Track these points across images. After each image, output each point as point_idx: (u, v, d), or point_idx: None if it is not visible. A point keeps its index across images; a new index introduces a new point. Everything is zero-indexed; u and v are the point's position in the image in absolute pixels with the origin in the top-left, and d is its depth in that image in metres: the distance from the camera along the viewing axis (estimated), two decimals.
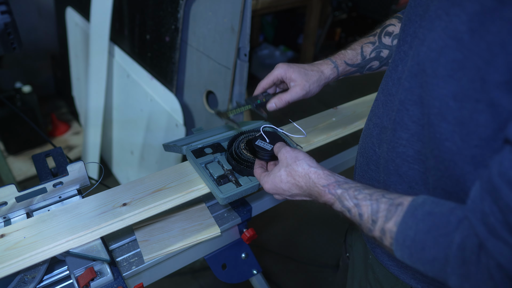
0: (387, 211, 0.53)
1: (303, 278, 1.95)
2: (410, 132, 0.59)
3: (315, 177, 0.64)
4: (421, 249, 0.48)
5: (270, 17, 3.99)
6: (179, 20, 1.45)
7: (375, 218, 0.54)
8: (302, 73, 0.83)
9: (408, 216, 0.51)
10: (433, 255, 0.47)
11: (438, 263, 0.47)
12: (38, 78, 2.96)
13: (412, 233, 0.49)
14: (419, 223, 0.49)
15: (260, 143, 0.78)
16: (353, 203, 0.58)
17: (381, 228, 0.53)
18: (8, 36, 0.73)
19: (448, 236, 0.46)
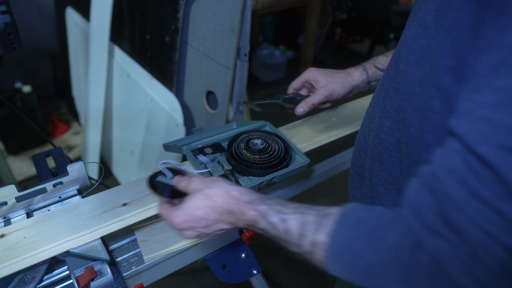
0: (316, 223, 0.51)
1: (303, 278, 1.95)
2: (392, 120, 0.60)
3: (237, 194, 0.59)
4: (355, 257, 0.46)
5: (270, 17, 3.99)
6: (179, 20, 1.45)
7: (303, 232, 0.51)
8: (328, 75, 0.85)
9: (340, 224, 0.49)
10: (367, 262, 0.46)
11: (373, 269, 0.45)
12: (38, 78, 2.96)
13: (344, 242, 0.47)
14: (351, 230, 0.47)
15: (161, 179, 0.72)
16: (279, 218, 0.54)
17: (311, 241, 0.50)
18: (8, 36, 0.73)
19: (382, 239, 0.45)
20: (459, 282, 0.40)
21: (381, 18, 3.43)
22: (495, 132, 0.34)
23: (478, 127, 0.36)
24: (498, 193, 0.35)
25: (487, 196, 0.35)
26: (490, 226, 0.36)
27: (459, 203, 0.37)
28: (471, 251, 0.38)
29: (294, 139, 0.99)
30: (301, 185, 1.15)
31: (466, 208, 0.37)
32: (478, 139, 0.35)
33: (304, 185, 1.15)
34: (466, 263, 0.39)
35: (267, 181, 0.84)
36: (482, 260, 0.37)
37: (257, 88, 3.53)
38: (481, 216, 0.36)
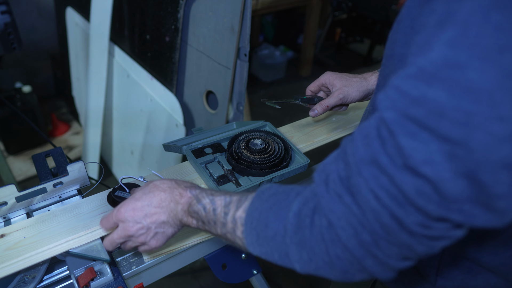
0: (237, 201, 0.55)
1: (303, 278, 1.95)
2: None
3: (179, 182, 0.64)
4: (265, 227, 0.50)
5: (270, 17, 3.99)
6: (179, 20, 1.45)
7: (227, 210, 0.56)
8: (344, 79, 0.86)
9: (255, 199, 0.53)
10: (274, 229, 0.49)
11: (279, 236, 0.48)
12: (38, 78, 2.96)
13: (257, 214, 0.51)
14: (264, 203, 0.51)
15: (119, 194, 0.77)
16: (209, 199, 0.59)
17: (233, 217, 0.54)
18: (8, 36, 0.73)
19: (287, 208, 0.48)
20: (347, 245, 0.42)
21: (381, 18, 3.43)
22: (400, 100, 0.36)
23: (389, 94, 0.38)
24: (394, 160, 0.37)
25: (384, 161, 0.37)
26: (380, 191, 0.38)
27: (360, 165, 0.39)
28: (360, 213, 0.40)
29: (294, 139, 0.99)
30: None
31: (364, 170, 0.39)
32: (386, 105, 0.38)
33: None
34: (354, 226, 0.41)
35: (267, 181, 0.84)
36: (369, 223, 0.39)
37: (257, 88, 3.53)
38: (375, 180, 0.38)
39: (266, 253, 0.51)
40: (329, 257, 0.44)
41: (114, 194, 0.77)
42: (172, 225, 0.64)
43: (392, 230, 0.38)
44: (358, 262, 0.42)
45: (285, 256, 0.48)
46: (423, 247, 0.39)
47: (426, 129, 0.34)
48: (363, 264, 0.42)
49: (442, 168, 0.34)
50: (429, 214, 0.36)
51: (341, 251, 0.42)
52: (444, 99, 0.33)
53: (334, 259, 0.43)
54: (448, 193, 0.34)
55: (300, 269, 0.48)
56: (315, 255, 0.45)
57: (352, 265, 0.43)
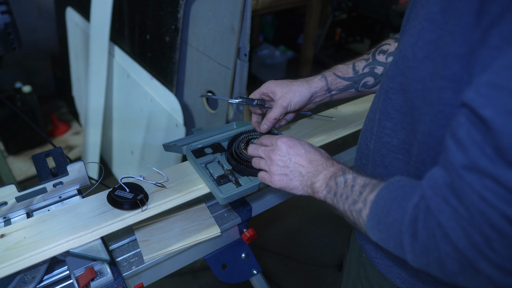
0: (373, 185, 0.57)
1: (303, 278, 1.95)
2: (394, 121, 0.60)
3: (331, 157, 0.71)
4: (387, 214, 0.51)
5: (270, 17, 3.99)
6: (179, 20, 1.45)
7: (363, 190, 0.58)
8: (285, 85, 0.83)
9: (384, 188, 0.55)
10: (394, 217, 0.50)
11: (397, 224, 0.49)
12: (38, 78, 2.96)
13: (383, 202, 0.53)
14: (390, 193, 0.53)
15: (119, 193, 0.77)
16: (352, 176, 0.62)
17: (365, 199, 0.57)
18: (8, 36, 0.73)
19: (409, 199, 0.49)
20: (457, 245, 0.41)
21: (381, 18, 3.43)
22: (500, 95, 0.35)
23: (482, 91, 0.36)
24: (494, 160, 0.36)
25: (484, 164, 0.37)
26: (486, 192, 0.37)
27: (460, 171, 0.39)
28: (468, 216, 0.39)
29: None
30: None
31: (465, 175, 0.39)
32: (482, 103, 0.36)
33: None
34: (464, 227, 0.40)
35: None
36: (479, 225, 0.39)
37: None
38: (479, 182, 0.38)
39: (383, 240, 0.53)
40: (439, 254, 0.44)
41: (114, 194, 0.77)
42: (301, 182, 0.70)
43: (504, 230, 0.37)
44: (470, 263, 0.41)
45: (399, 245, 0.49)
46: None
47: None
48: (476, 266, 0.41)
49: None
50: None
51: (451, 249, 0.42)
52: None
53: (444, 257, 0.43)
54: None
55: (412, 261, 0.49)
56: (427, 249, 0.45)
57: (463, 266, 0.42)
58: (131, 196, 0.77)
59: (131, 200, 0.76)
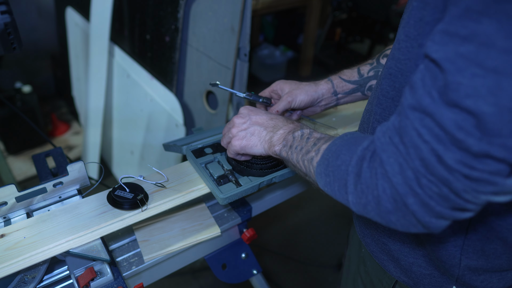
0: (328, 138, 0.61)
1: (303, 278, 1.95)
2: (382, 107, 0.62)
3: None
4: (336, 158, 0.54)
5: (270, 17, 3.99)
6: (179, 20, 1.45)
7: (317, 142, 0.62)
8: (293, 84, 0.88)
9: (338, 138, 0.59)
10: (343, 159, 0.53)
11: (344, 165, 0.52)
12: (38, 78, 2.96)
13: (334, 148, 0.56)
14: (343, 141, 0.56)
15: (120, 193, 0.78)
16: (309, 130, 0.66)
17: (318, 148, 0.60)
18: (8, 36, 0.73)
19: (360, 144, 0.52)
20: (392, 180, 0.44)
21: (381, 18, 3.42)
22: (450, 41, 0.38)
23: (436, 38, 0.40)
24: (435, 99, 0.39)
25: (426, 102, 0.40)
26: (422, 129, 0.40)
27: (407, 110, 0.43)
28: (405, 151, 0.43)
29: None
30: (301, 185, 1.15)
31: (410, 114, 0.42)
32: (436, 48, 0.39)
33: (304, 185, 1.15)
34: (400, 163, 0.43)
35: (267, 181, 0.84)
36: (411, 159, 0.42)
37: (257, 88, 3.53)
38: (420, 121, 0.41)
39: (329, 184, 0.55)
40: (377, 191, 0.46)
41: (114, 193, 0.77)
42: (260, 138, 0.73)
43: (431, 165, 0.40)
44: (401, 199, 0.44)
45: (343, 187, 0.52)
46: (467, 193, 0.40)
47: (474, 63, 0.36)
48: (405, 201, 0.43)
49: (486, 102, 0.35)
50: (469, 149, 0.37)
51: (387, 186, 0.45)
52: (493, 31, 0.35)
53: (381, 193, 0.46)
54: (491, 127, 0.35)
55: (352, 203, 0.51)
56: (367, 187, 0.48)
57: (396, 203, 0.45)
58: (131, 196, 0.77)
59: (131, 200, 0.76)
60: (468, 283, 0.63)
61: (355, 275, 0.88)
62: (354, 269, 0.88)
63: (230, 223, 0.97)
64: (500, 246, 0.58)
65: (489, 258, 0.60)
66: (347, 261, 0.96)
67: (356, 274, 0.87)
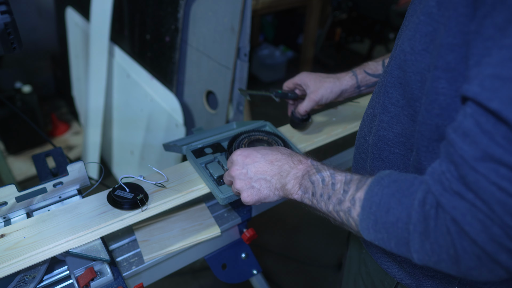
0: (358, 181, 0.55)
1: (303, 278, 1.95)
2: (390, 115, 0.61)
3: (295, 152, 0.68)
4: (386, 212, 0.49)
5: (270, 17, 3.99)
6: (179, 20, 1.45)
7: (347, 188, 0.55)
8: (318, 80, 0.89)
9: (375, 184, 0.52)
10: (396, 215, 0.48)
11: (401, 223, 0.47)
12: (38, 78, 2.96)
13: (377, 199, 0.50)
14: (384, 189, 0.50)
15: (120, 193, 0.78)
16: (329, 173, 0.59)
17: (352, 197, 0.54)
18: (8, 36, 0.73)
19: (411, 195, 0.47)
20: (476, 240, 0.40)
21: (381, 18, 3.42)
22: (505, 86, 0.35)
23: (487, 85, 0.37)
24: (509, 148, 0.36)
25: (498, 153, 0.37)
26: (503, 182, 0.37)
27: (472, 164, 0.39)
28: (486, 209, 0.39)
29: (294, 139, 0.99)
30: None
31: (479, 167, 0.38)
32: (489, 96, 0.37)
33: None
34: (482, 221, 0.39)
35: None
36: (498, 216, 0.38)
37: (257, 88, 3.53)
38: (495, 173, 0.37)
39: (382, 240, 0.50)
40: (454, 251, 0.43)
41: (114, 193, 0.77)
42: (270, 188, 0.65)
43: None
44: (490, 257, 0.41)
45: (404, 245, 0.48)
46: None
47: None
48: (496, 258, 0.40)
49: None
50: None
51: (468, 245, 0.41)
52: None
53: (460, 253, 0.42)
54: None
55: (418, 260, 0.47)
56: (440, 247, 0.44)
57: (480, 260, 0.42)
58: (131, 196, 0.77)
59: (131, 200, 0.76)
60: (470, 285, 0.63)
61: (356, 276, 0.88)
62: (355, 270, 0.88)
63: (230, 223, 0.97)
64: None
65: None
66: (347, 262, 0.95)
67: (357, 275, 0.87)
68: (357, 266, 0.87)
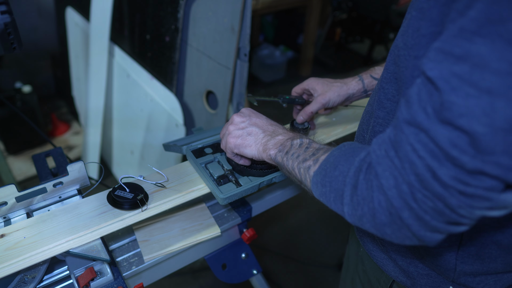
0: (327, 149, 0.61)
1: (303, 278, 1.95)
2: (386, 110, 0.61)
3: None
4: (334, 168, 0.54)
5: (270, 17, 3.99)
6: (179, 20, 1.45)
7: (316, 152, 0.61)
8: (325, 84, 0.90)
9: (336, 149, 0.58)
10: (340, 170, 0.53)
11: (341, 176, 0.52)
12: (38, 78, 2.96)
13: (332, 159, 0.56)
14: (341, 151, 0.56)
15: (120, 193, 0.78)
16: (309, 140, 0.66)
17: (317, 158, 0.60)
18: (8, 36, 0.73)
19: (358, 155, 0.52)
20: (387, 194, 0.44)
21: (381, 18, 3.43)
22: (446, 59, 0.38)
23: (432, 56, 0.40)
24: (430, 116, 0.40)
25: (421, 118, 0.40)
26: (418, 145, 0.41)
27: (402, 125, 0.43)
28: (400, 165, 0.43)
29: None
30: None
31: (405, 129, 0.42)
32: (431, 66, 0.40)
33: None
34: (395, 177, 0.43)
35: (267, 181, 0.84)
36: (407, 174, 0.42)
37: (257, 88, 3.53)
38: (415, 136, 0.41)
39: (325, 194, 0.55)
40: (372, 204, 0.46)
41: (114, 193, 0.77)
42: (256, 140, 0.72)
43: (426, 180, 0.40)
44: (397, 213, 0.44)
45: (340, 197, 0.52)
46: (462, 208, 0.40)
47: (468, 83, 0.36)
48: (400, 215, 0.44)
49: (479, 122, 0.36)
50: (463, 166, 0.38)
51: (383, 199, 0.45)
52: (487, 52, 0.35)
53: (376, 206, 0.46)
54: (484, 146, 0.36)
55: (348, 214, 0.52)
56: (363, 199, 0.48)
57: (391, 216, 0.45)
58: (131, 196, 0.77)
59: (131, 200, 0.76)
60: (464, 284, 0.63)
61: (353, 274, 0.88)
62: (352, 268, 0.89)
63: (230, 223, 0.97)
64: (495, 250, 0.58)
65: (484, 262, 0.60)
66: (346, 259, 0.96)
67: (354, 273, 0.87)
68: (355, 264, 0.87)
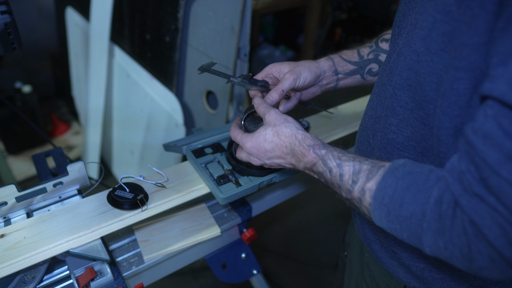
0: (368, 172, 0.54)
1: (303, 278, 1.95)
2: (399, 118, 0.60)
3: (302, 138, 0.63)
4: (399, 206, 0.49)
5: (270, 17, 3.99)
6: (179, 20, 1.45)
7: (356, 178, 0.55)
8: (291, 64, 0.80)
9: (388, 175, 0.51)
10: (410, 211, 0.47)
11: (415, 219, 0.47)
12: (38, 78, 2.96)
13: (391, 191, 0.50)
14: (398, 181, 0.50)
15: (120, 193, 0.78)
16: (336, 163, 0.58)
17: (361, 188, 0.54)
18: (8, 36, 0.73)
19: (427, 192, 0.47)
20: (493, 244, 0.40)
21: (381, 18, 3.43)
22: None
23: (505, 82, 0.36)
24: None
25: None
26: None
27: (495, 167, 0.38)
28: (508, 213, 0.38)
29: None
30: (301, 185, 1.15)
31: (502, 171, 0.38)
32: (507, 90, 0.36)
33: (304, 185, 1.15)
34: (502, 225, 0.39)
35: (267, 181, 0.84)
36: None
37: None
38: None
39: (395, 230, 0.50)
40: (469, 251, 0.43)
41: (114, 193, 0.77)
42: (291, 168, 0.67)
43: None
44: (506, 261, 0.41)
45: (416, 239, 0.48)
46: None
47: None
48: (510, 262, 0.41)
49: None
50: None
51: (484, 247, 0.41)
52: None
53: (474, 254, 0.42)
54: None
55: (430, 253, 0.48)
56: (454, 246, 0.44)
57: (494, 262, 0.42)
58: (131, 196, 0.77)
59: (131, 200, 0.76)
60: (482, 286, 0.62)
61: (358, 280, 0.86)
62: (356, 274, 0.87)
63: (230, 223, 0.97)
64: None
65: None
66: (347, 265, 0.93)
67: (359, 279, 0.85)
68: (359, 270, 0.85)
